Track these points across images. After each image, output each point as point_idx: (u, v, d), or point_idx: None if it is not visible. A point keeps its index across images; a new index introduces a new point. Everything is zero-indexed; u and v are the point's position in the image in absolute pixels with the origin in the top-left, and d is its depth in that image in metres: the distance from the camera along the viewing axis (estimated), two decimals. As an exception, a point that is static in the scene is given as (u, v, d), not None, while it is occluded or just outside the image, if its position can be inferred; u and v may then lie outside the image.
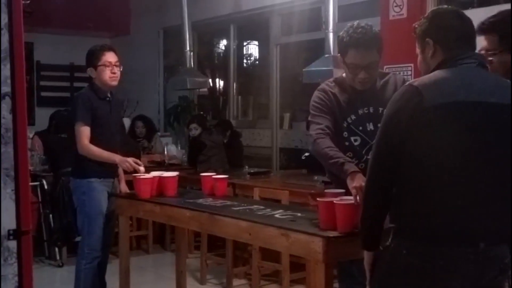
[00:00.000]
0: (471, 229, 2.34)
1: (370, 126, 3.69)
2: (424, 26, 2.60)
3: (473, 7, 6.21)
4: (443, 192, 2.35)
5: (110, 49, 5.03)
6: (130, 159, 4.83)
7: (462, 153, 2.35)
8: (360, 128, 3.70)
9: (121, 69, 5.00)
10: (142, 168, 4.83)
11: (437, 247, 2.34)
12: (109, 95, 5.01)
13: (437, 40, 2.54)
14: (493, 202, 2.37)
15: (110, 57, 4.95)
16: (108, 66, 4.91)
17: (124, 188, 5.16)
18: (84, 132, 4.82)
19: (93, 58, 4.95)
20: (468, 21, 2.58)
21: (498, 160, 2.38)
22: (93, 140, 4.84)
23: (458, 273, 2.34)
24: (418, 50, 2.66)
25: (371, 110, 3.71)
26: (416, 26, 2.65)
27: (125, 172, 5.08)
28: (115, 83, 4.97)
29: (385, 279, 2.50)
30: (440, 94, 2.37)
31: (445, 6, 2.71)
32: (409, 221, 2.41)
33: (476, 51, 2.64)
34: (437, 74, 2.46)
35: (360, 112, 3.71)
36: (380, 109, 3.57)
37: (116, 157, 4.85)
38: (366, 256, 2.59)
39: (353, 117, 3.72)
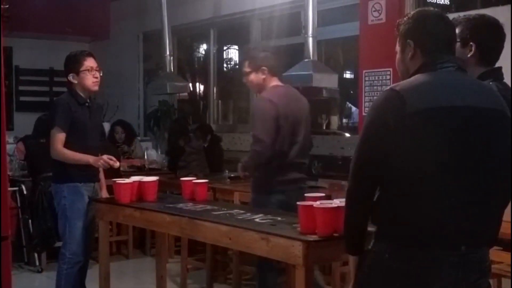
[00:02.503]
0: (453, 232, 2.35)
1: None
2: (408, 26, 2.58)
3: (450, 11, 6.27)
4: (426, 196, 2.35)
5: (90, 54, 5.06)
6: (104, 157, 4.84)
7: (445, 158, 2.35)
8: None
9: (101, 74, 5.01)
10: (117, 164, 4.84)
11: (420, 251, 2.34)
12: (88, 100, 5.00)
13: (419, 44, 2.53)
14: (474, 206, 2.37)
15: (92, 62, 4.97)
16: (90, 71, 4.92)
17: (105, 194, 5.15)
18: (59, 137, 4.82)
19: (74, 64, 4.95)
20: (451, 26, 2.58)
21: (480, 164, 2.38)
22: (72, 146, 4.83)
23: (440, 277, 2.34)
24: (397, 48, 2.64)
25: None
26: (400, 23, 2.63)
27: (106, 176, 5.07)
28: (96, 87, 4.99)
29: (367, 283, 2.50)
30: (423, 99, 2.35)
31: (431, 8, 2.67)
32: (391, 225, 2.41)
33: None
34: (418, 78, 2.45)
35: None
36: None
37: (90, 158, 4.84)
38: (351, 260, 2.59)
39: None
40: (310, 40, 6.56)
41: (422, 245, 2.35)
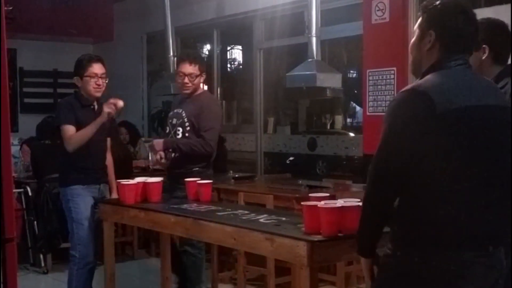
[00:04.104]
0: (482, 233, 2.32)
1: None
2: (434, 16, 2.48)
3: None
4: (457, 197, 2.31)
5: (98, 60, 5.07)
6: (110, 102, 4.88)
7: (474, 157, 2.32)
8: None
9: (107, 81, 5.03)
10: (120, 102, 4.89)
11: (451, 253, 2.31)
12: (94, 103, 5.03)
13: (441, 38, 2.45)
14: (498, 205, 2.36)
15: (97, 68, 4.99)
16: (93, 77, 4.96)
17: (115, 195, 5.14)
18: (69, 129, 4.86)
19: (80, 68, 5.01)
20: (475, 23, 2.50)
21: (501, 163, 2.37)
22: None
23: (469, 278, 2.31)
24: (416, 30, 2.55)
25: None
26: (427, 7, 2.51)
27: (116, 177, 5.10)
28: (98, 94, 5.02)
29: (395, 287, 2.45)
30: (450, 99, 2.30)
31: (460, 1, 2.53)
32: (419, 228, 2.35)
33: None
34: (437, 77, 2.39)
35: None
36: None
37: (98, 118, 4.88)
38: (365, 262, 2.55)
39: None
40: (314, 40, 6.56)
41: (453, 247, 2.31)
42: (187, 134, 5.18)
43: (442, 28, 2.45)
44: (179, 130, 5.23)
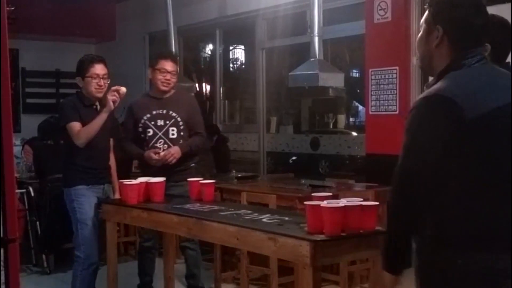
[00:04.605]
0: None
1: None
2: (440, 9, 2.40)
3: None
4: (497, 199, 2.27)
5: (100, 61, 5.05)
6: (112, 90, 4.94)
7: (507, 157, 2.27)
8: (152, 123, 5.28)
9: (109, 82, 5.02)
10: (123, 88, 4.95)
11: (494, 254, 2.27)
12: (96, 103, 5.02)
13: (449, 33, 2.37)
14: None
15: (99, 69, 4.98)
16: (95, 78, 4.95)
17: (118, 197, 5.14)
18: (75, 125, 4.87)
19: (82, 69, 5.00)
20: (486, 15, 2.41)
21: None
22: (77, 146, 4.88)
23: (510, 277, 2.28)
24: (422, 24, 2.47)
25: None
26: (435, 1, 2.43)
27: (119, 177, 5.11)
28: (100, 95, 5.00)
29: None
30: (478, 103, 2.23)
31: None
32: (461, 231, 2.30)
33: None
34: (460, 78, 2.31)
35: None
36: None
37: (104, 109, 4.91)
38: (390, 280, 2.43)
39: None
40: (316, 39, 6.56)
41: (496, 248, 2.28)
42: (182, 133, 5.37)
43: (449, 22, 2.37)
44: (173, 130, 5.34)
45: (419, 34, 2.49)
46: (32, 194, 6.91)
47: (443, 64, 2.39)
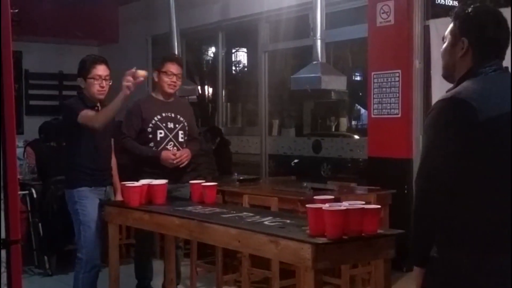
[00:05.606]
0: None
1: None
2: (466, 23, 2.48)
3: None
4: (503, 204, 2.32)
5: (103, 62, 5.00)
6: (127, 74, 4.69)
7: None
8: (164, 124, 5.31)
9: (111, 83, 4.99)
10: (141, 72, 4.72)
11: (499, 257, 2.31)
12: (98, 104, 5.00)
13: (474, 46, 2.45)
14: None
15: (101, 70, 4.93)
16: (97, 79, 4.91)
17: (119, 198, 5.13)
18: (88, 112, 4.82)
19: (84, 69, 4.95)
20: (507, 29, 2.50)
21: None
22: (79, 147, 4.89)
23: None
24: (448, 36, 2.55)
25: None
26: (459, 14, 2.51)
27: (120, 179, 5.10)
28: (102, 96, 4.97)
29: None
30: (491, 106, 2.31)
31: (490, 7, 2.61)
32: (468, 233, 2.35)
33: None
34: (476, 84, 2.39)
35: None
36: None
37: (119, 94, 4.70)
38: (417, 271, 2.50)
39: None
40: (319, 42, 6.56)
41: (502, 251, 2.31)
42: (186, 137, 5.45)
43: (475, 36, 2.46)
44: (182, 134, 5.41)
45: (444, 45, 2.57)
46: (35, 195, 6.91)
47: (463, 72, 2.48)
